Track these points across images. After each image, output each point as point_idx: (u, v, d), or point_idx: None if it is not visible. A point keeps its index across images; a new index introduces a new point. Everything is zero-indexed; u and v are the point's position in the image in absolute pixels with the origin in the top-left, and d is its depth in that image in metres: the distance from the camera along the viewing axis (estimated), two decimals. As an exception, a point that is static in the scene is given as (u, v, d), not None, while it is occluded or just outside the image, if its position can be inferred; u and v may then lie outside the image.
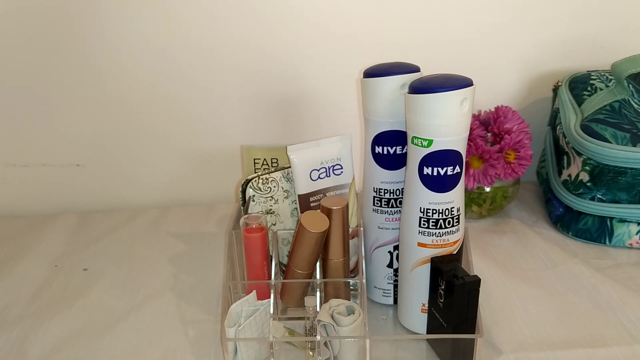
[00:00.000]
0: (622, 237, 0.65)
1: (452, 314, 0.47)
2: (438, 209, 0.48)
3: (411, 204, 0.49)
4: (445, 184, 0.47)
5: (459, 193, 0.48)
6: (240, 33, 0.73)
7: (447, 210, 0.48)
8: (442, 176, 0.46)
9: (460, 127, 0.46)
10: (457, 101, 0.44)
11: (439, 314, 0.49)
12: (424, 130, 0.45)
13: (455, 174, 0.47)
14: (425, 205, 0.47)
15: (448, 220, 0.48)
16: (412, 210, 0.49)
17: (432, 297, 0.50)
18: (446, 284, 0.47)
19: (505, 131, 0.67)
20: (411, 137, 0.47)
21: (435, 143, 0.45)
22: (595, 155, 0.62)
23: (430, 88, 0.44)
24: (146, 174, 0.80)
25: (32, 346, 0.53)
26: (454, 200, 0.48)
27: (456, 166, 0.47)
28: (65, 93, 0.75)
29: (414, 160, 0.47)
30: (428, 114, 0.45)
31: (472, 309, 0.46)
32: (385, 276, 0.56)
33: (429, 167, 0.46)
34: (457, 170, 0.47)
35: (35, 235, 0.73)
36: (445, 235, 0.49)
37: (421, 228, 0.48)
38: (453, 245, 0.49)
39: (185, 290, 0.61)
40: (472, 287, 0.46)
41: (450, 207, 0.48)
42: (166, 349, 0.52)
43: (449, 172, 0.46)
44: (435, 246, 0.49)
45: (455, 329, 0.47)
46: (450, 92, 0.44)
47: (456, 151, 0.46)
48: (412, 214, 0.49)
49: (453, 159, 0.46)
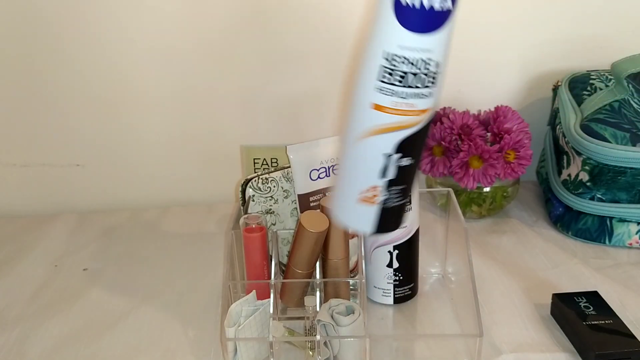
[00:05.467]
0: (621, 236, 0.65)
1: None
2: (410, 57, 0.36)
3: (373, 45, 0.36)
4: (427, 21, 0.35)
5: (443, 41, 0.36)
6: (240, 33, 0.73)
7: (421, 61, 0.36)
8: (427, 9, 0.34)
9: None
10: None
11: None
12: None
13: (444, 10, 0.35)
14: (393, 49, 0.35)
15: (420, 77, 0.36)
16: (372, 55, 0.36)
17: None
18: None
19: (505, 131, 0.67)
20: None
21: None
22: (595, 155, 0.62)
23: None
24: (146, 174, 0.80)
25: (32, 346, 0.53)
26: (435, 50, 0.36)
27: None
28: (65, 93, 0.75)
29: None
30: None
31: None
32: (385, 276, 0.56)
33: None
34: (447, 5, 0.35)
35: (35, 235, 0.73)
36: (412, 97, 0.36)
37: (382, 83, 0.36)
38: (419, 115, 0.37)
39: (185, 290, 0.61)
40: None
41: (426, 58, 0.36)
42: (166, 349, 0.52)
43: (436, 4, 0.34)
44: (396, 112, 0.37)
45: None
46: None
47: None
48: (371, 61, 0.36)
49: None
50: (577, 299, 0.53)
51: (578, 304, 0.52)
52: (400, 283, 0.56)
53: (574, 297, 0.54)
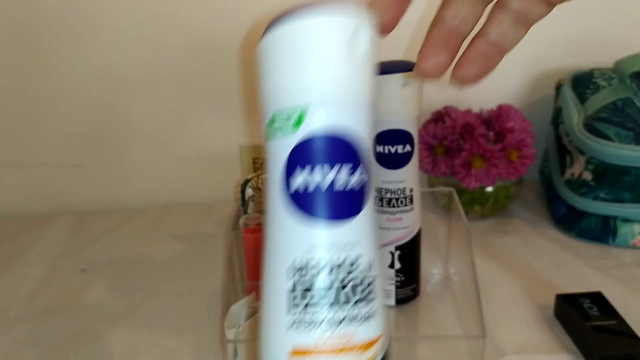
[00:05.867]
0: (625, 236, 0.65)
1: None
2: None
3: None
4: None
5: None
6: (240, 33, 0.72)
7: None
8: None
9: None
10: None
11: None
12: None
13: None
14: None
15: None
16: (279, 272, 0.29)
17: None
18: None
19: (507, 130, 0.67)
20: None
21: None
22: (599, 154, 0.62)
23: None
24: (145, 173, 0.80)
25: (31, 347, 0.52)
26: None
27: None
28: (64, 93, 0.74)
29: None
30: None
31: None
32: (387, 277, 0.55)
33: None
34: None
35: (34, 236, 0.73)
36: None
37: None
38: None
39: (184, 290, 0.60)
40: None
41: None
42: (166, 350, 0.51)
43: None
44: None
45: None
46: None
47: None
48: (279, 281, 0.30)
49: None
50: (581, 300, 0.53)
51: (581, 305, 0.52)
52: (402, 284, 0.56)
53: (577, 297, 0.53)
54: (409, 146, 0.51)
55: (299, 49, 0.26)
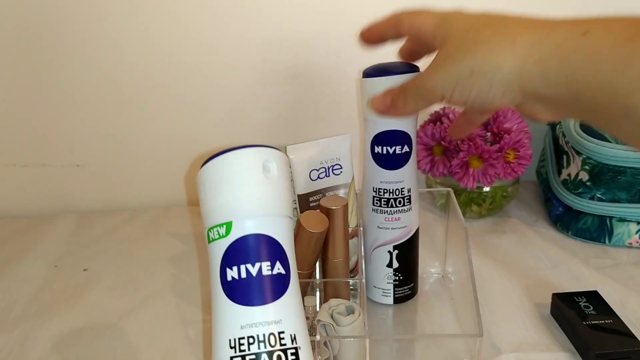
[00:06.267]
0: (621, 236, 0.65)
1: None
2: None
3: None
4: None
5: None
6: (239, 34, 0.73)
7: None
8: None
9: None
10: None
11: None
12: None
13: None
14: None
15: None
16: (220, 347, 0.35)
17: None
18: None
19: (504, 130, 0.67)
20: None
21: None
22: (595, 155, 0.62)
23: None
24: (146, 174, 0.80)
25: (32, 346, 0.53)
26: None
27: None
28: (65, 93, 0.75)
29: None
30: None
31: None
32: (385, 276, 0.56)
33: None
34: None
35: (35, 236, 0.73)
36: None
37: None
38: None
39: (185, 290, 0.61)
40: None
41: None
42: (166, 349, 0.52)
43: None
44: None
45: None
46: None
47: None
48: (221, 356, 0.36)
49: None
50: (577, 299, 0.53)
51: (578, 304, 0.52)
52: (400, 283, 0.56)
53: (574, 296, 0.54)
54: (407, 147, 0.51)
55: (223, 175, 0.35)
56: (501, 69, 0.34)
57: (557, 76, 0.32)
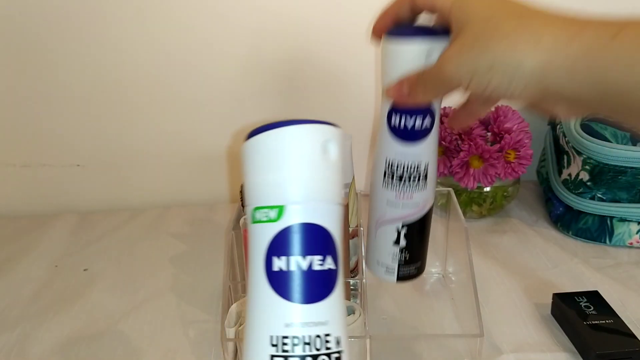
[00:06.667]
0: (622, 236, 0.65)
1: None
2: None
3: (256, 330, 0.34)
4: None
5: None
6: (241, 34, 0.73)
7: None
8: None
9: None
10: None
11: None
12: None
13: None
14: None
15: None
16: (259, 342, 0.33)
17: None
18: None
19: (505, 130, 0.67)
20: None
21: None
22: (595, 155, 0.62)
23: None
24: (146, 173, 0.80)
25: (33, 346, 0.53)
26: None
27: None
28: (65, 93, 0.75)
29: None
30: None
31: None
32: (391, 254, 0.50)
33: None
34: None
35: (36, 236, 0.73)
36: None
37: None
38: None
39: (185, 290, 0.61)
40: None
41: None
42: (166, 349, 0.52)
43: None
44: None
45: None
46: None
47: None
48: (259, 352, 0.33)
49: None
50: (578, 299, 0.53)
51: (578, 304, 0.52)
52: (406, 262, 0.50)
53: (574, 296, 0.54)
54: (429, 118, 0.45)
55: (280, 151, 0.31)
56: (523, 66, 0.32)
57: (586, 78, 0.31)
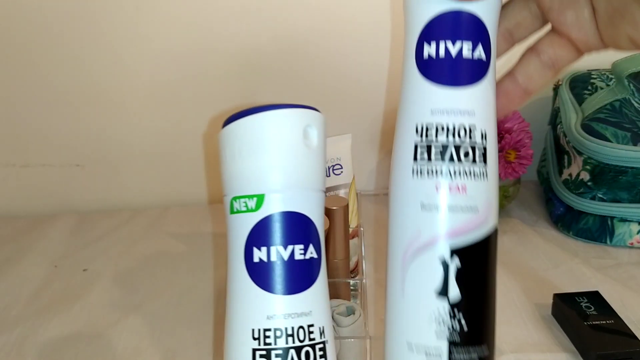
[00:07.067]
0: (623, 236, 0.65)
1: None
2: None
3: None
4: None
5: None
6: (240, 33, 0.73)
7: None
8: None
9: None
10: None
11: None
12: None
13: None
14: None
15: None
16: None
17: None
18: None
19: (505, 130, 0.67)
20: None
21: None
22: (596, 155, 0.62)
23: None
24: (146, 174, 0.80)
25: (32, 346, 0.53)
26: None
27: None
28: (65, 93, 0.75)
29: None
30: None
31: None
32: (431, 317, 0.29)
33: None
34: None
35: (35, 236, 0.73)
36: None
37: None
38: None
39: (185, 290, 0.61)
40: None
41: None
42: (166, 349, 0.52)
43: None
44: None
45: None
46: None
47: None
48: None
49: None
50: (578, 299, 0.53)
51: (579, 304, 0.52)
52: (465, 337, 0.29)
53: (575, 297, 0.53)
54: (482, 47, 0.28)
55: (259, 137, 0.29)
56: None
57: None
